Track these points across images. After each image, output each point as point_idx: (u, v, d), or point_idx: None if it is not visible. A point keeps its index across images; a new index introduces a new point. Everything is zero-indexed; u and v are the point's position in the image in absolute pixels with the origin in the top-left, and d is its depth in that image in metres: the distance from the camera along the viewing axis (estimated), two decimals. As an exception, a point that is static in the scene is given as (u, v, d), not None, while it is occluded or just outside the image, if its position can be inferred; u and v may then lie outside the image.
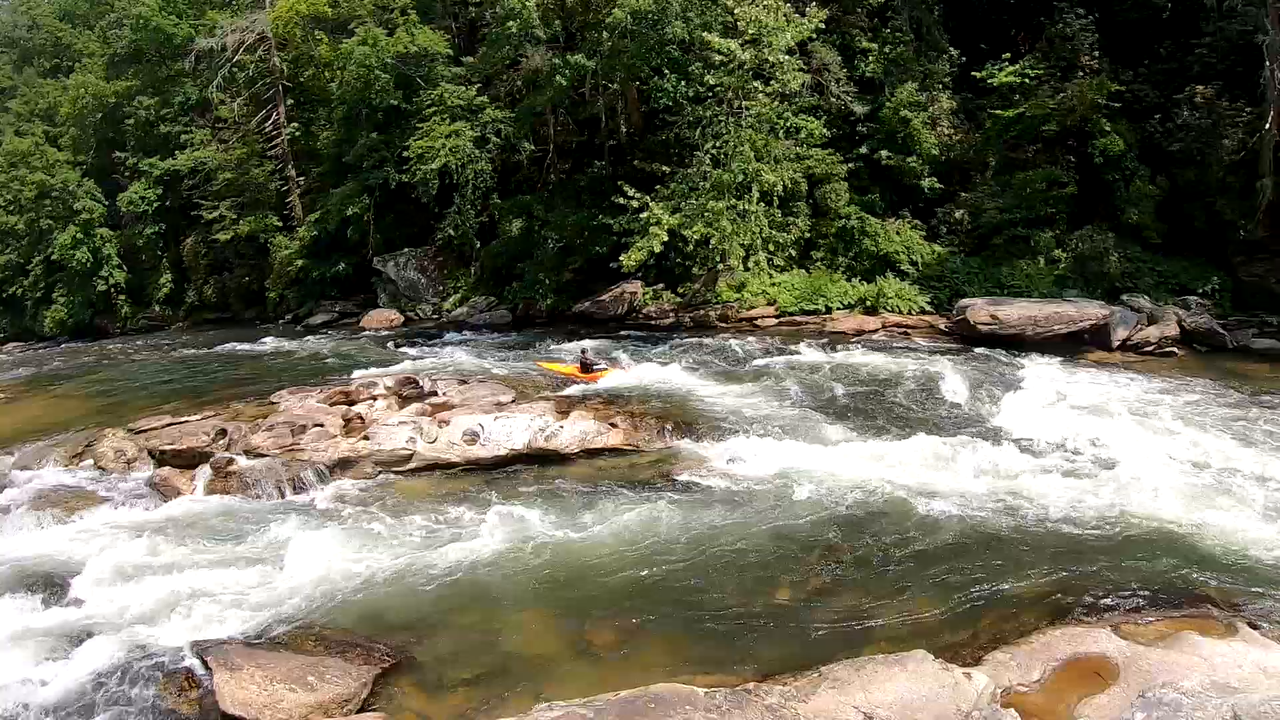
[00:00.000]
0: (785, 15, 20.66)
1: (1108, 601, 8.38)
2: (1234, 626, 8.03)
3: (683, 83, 21.75)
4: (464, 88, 25.70)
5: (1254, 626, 8.15)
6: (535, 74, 24.20)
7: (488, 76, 26.23)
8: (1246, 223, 20.21)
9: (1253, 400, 14.86)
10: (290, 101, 31.90)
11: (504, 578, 8.98)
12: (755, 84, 20.65)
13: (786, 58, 20.59)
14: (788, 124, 21.33)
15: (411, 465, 12.15)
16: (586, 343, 18.71)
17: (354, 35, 27.31)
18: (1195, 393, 15.27)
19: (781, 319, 20.41)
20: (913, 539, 9.59)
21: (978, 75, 21.68)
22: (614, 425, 12.78)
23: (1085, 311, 18.24)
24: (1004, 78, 21.28)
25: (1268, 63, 20.23)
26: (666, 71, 22.01)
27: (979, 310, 18.18)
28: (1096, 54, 21.90)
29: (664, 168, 21.53)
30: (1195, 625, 7.97)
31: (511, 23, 23.08)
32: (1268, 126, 20.35)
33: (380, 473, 12.07)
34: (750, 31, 20.27)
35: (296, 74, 31.85)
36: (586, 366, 16.43)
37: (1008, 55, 21.82)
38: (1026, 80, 21.24)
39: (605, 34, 22.24)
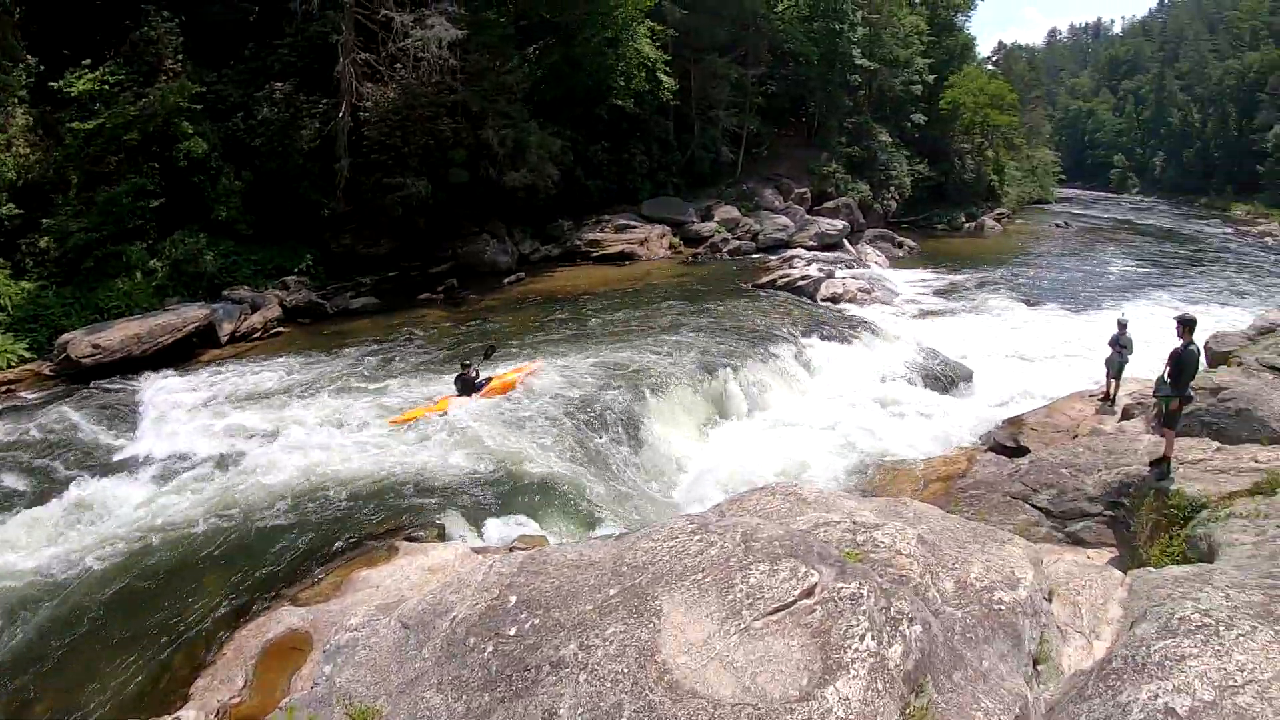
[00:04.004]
0: None
1: (281, 580, 8.83)
2: (394, 547, 9.26)
3: None
4: None
5: (412, 540, 9.48)
6: None
7: None
8: (330, 201, 23.85)
9: (366, 352, 17.88)
10: None
11: None
12: None
13: None
14: None
15: None
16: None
17: None
18: (301, 364, 17.30)
19: None
20: (56, 623, 8.52)
21: (55, 85, 20.66)
22: None
23: (186, 316, 18.88)
24: (83, 85, 20.64)
25: (341, 59, 23.65)
26: None
27: (79, 343, 17.48)
28: (181, 57, 22.38)
29: None
30: (363, 563, 8.97)
31: None
32: (341, 114, 24.04)
33: None
34: None
35: None
36: (471, 383, 14.05)
37: (88, 61, 21.07)
38: (108, 87, 20.88)
39: None
